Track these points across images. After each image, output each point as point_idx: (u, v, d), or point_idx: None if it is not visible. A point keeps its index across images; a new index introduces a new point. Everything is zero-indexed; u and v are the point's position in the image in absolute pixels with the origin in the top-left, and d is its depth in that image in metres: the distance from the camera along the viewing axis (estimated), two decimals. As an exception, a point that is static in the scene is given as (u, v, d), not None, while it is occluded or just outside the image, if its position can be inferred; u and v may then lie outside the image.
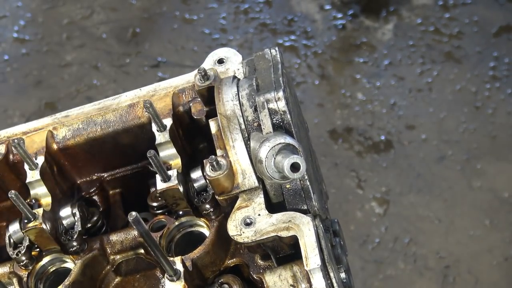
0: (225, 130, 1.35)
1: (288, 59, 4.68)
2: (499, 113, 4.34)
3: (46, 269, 1.47)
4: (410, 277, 3.77)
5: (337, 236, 1.52)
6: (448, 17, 4.85)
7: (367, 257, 3.85)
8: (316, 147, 2.02)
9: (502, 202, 3.97)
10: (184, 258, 1.34)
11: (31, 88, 4.76)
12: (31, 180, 1.47)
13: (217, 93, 1.40)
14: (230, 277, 1.36)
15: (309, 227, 1.25)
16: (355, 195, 4.08)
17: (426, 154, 4.21)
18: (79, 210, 1.48)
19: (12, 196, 1.33)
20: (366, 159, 4.23)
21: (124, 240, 1.48)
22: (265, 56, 1.46)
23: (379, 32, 4.83)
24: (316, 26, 4.92)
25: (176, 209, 1.43)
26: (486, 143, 4.22)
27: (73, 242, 1.43)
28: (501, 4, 4.89)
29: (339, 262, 1.43)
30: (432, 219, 3.96)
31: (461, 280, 3.73)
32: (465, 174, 4.10)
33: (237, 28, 4.97)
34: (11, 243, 1.44)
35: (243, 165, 1.35)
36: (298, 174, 1.24)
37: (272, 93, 1.33)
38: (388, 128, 4.35)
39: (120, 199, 1.67)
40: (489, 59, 4.59)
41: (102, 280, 1.47)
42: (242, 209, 1.34)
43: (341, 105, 4.49)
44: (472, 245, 3.83)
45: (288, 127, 1.34)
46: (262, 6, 5.07)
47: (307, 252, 1.22)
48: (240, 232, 1.30)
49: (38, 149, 1.54)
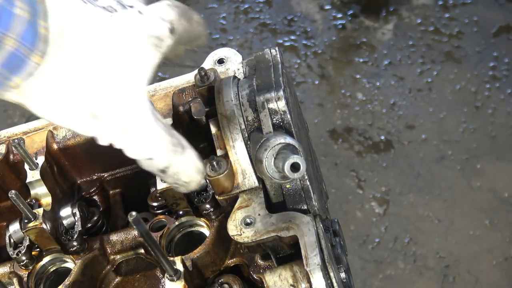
0: (225, 130, 1.35)
1: (288, 59, 4.68)
2: (499, 113, 4.35)
3: (46, 269, 1.47)
4: (410, 277, 3.77)
5: (337, 236, 1.52)
6: (448, 17, 4.85)
7: (367, 257, 3.85)
8: (316, 147, 2.02)
9: (502, 202, 3.98)
10: (184, 258, 1.34)
11: (31, 88, 4.76)
12: (31, 180, 1.48)
13: (217, 93, 1.40)
14: (230, 277, 1.36)
15: (309, 227, 1.25)
16: (355, 195, 4.09)
17: (426, 154, 4.21)
18: (79, 210, 1.48)
19: (12, 196, 1.33)
20: (366, 159, 4.23)
21: (124, 240, 1.48)
22: (265, 56, 1.46)
23: (379, 32, 4.83)
24: (316, 26, 4.92)
25: (176, 209, 1.43)
26: (486, 143, 4.22)
27: (73, 242, 1.43)
28: (501, 4, 4.89)
29: (339, 262, 1.43)
30: (432, 219, 3.96)
31: (461, 280, 3.73)
32: (465, 174, 4.10)
33: (237, 28, 4.97)
34: (11, 243, 1.44)
35: (243, 165, 1.35)
36: (298, 174, 1.25)
37: (272, 93, 1.33)
38: (388, 128, 4.35)
39: (120, 199, 1.67)
40: (489, 59, 4.60)
41: (102, 280, 1.47)
42: (242, 209, 1.34)
43: (341, 105, 4.49)
44: (472, 245, 3.84)
45: (288, 127, 1.34)
46: (262, 6, 5.07)
47: (307, 252, 1.22)
48: (240, 232, 1.30)
49: (38, 149, 1.54)
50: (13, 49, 0.96)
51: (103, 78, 1.07)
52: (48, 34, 1.00)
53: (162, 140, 1.14)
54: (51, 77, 1.03)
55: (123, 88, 1.10)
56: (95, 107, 1.09)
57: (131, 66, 1.10)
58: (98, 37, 1.07)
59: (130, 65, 1.10)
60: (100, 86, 1.08)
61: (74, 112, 1.09)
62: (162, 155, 1.15)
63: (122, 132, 1.12)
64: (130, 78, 1.10)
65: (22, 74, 1.00)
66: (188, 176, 1.20)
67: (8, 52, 0.96)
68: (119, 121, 1.10)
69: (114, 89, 1.09)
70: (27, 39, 0.97)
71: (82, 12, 1.06)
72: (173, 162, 1.17)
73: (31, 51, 0.98)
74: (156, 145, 1.14)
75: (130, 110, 1.10)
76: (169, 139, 1.16)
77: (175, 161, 1.17)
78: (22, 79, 1.00)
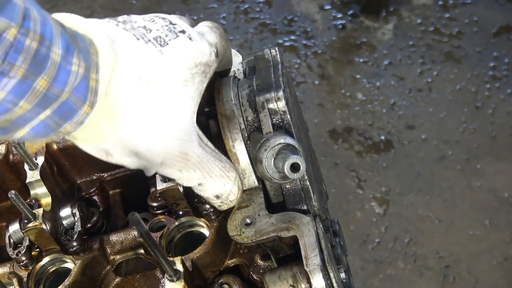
0: (225, 130, 1.35)
1: (288, 59, 4.68)
2: (499, 113, 4.35)
3: (46, 269, 1.46)
4: (410, 277, 3.77)
5: (337, 236, 1.52)
6: (448, 17, 4.85)
7: (367, 257, 3.85)
8: (316, 147, 2.02)
9: (502, 202, 3.98)
10: (184, 258, 1.34)
11: (31, 88, 4.77)
12: (31, 180, 1.47)
13: (217, 93, 1.40)
14: (230, 277, 1.36)
15: (309, 227, 1.25)
16: (355, 195, 4.09)
17: (426, 154, 4.21)
18: (79, 210, 1.48)
19: (12, 196, 1.33)
20: (366, 159, 4.23)
21: (124, 240, 1.48)
22: (265, 56, 1.46)
23: (379, 32, 4.83)
24: (316, 26, 4.92)
25: (176, 209, 1.43)
26: (486, 143, 4.22)
27: (73, 242, 1.43)
28: (501, 4, 4.89)
29: (339, 262, 1.43)
30: (432, 219, 3.96)
31: (461, 280, 3.73)
32: (465, 174, 4.10)
33: (237, 28, 4.97)
34: (11, 243, 1.44)
35: (243, 165, 1.35)
36: (298, 174, 1.24)
37: (272, 93, 1.33)
38: (388, 128, 4.35)
39: (120, 199, 1.67)
40: (489, 59, 4.60)
41: (102, 280, 1.47)
42: (242, 209, 1.34)
43: (341, 105, 4.49)
44: (472, 245, 3.84)
45: (288, 127, 1.34)
46: (262, 6, 5.07)
47: (307, 252, 1.22)
48: (240, 232, 1.30)
49: (38, 149, 1.54)
50: (66, 99, 1.02)
51: (153, 118, 1.12)
52: (98, 86, 1.06)
53: (211, 166, 1.21)
54: (101, 123, 1.10)
55: (173, 124, 1.14)
56: (144, 147, 1.14)
57: (181, 100, 1.15)
58: (148, 79, 1.12)
59: (181, 99, 1.15)
60: (150, 126, 1.12)
61: (120, 151, 1.15)
62: (213, 181, 1.23)
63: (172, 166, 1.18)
64: (180, 112, 1.15)
65: (73, 121, 1.06)
66: (234, 196, 1.29)
67: (61, 102, 1.02)
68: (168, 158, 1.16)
69: (165, 127, 1.14)
70: (80, 91, 1.04)
71: (132, 53, 1.11)
72: (226, 188, 1.25)
73: (83, 102, 1.05)
74: (204, 171, 1.21)
75: (179, 145, 1.16)
76: (219, 165, 1.23)
77: (228, 186, 1.25)
78: (72, 127, 1.07)
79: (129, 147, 1.13)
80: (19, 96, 0.97)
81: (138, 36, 1.14)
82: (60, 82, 1.00)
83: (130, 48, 1.12)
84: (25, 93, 0.98)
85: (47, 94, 1.00)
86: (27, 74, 0.96)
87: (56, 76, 0.99)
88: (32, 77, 0.97)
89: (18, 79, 0.96)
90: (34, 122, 1.02)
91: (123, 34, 1.13)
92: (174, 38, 1.16)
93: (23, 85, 0.97)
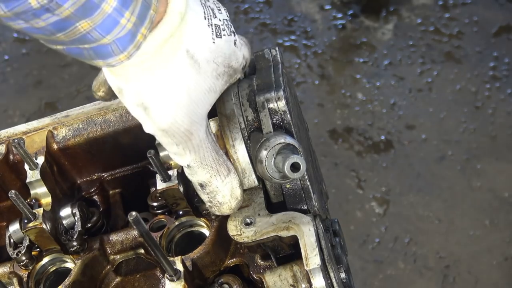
0: (225, 130, 1.35)
1: (288, 59, 4.68)
2: (499, 113, 4.35)
3: (46, 269, 1.47)
4: (410, 277, 3.77)
5: (337, 236, 1.52)
6: (448, 17, 4.85)
7: (367, 257, 3.85)
8: (316, 147, 2.02)
9: (502, 202, 3.97)
10: (184, 258, 1.34)
11: (31, 88, 4.77)
12: (31, 180, 1.48)
13: (217, 93, 1.40)
14: (230, 277, 1.36)
15: (309, 227, 1.25)
16: (355, 195, 4.09)
17: (426, 154, 4.21)
18: (79, 210, 1.48)
19: (12, 196, 1.34)
20: (366, 159, 4.23)
21: (124, 240, 1.48)
22: (265, 56, 1.46)
23: (379, 32, 4.83)
24: (316, 26, 4.92)
25: (176, 209, 1.43)
26: (486, 143, 4.22)
27: (73, 242, 1.43)
28: (501, 4, 4.89)
29: (339, 262, 1.43)
30: (432, 219, 3.96)
31: (461, 280, 3.73)
32: (465, 174, 4.10)
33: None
34: (11, 243, 1.44)
35: (243, 165, 1.35)
36: (298, 174, 1.24)
37: (272, 93, 1.33)
38: (388, 128, 4.35)
39: (120, 199, 1.67)
40: (489, 59, 4.60)
41: (102, 280, 1.47)
42: (242, 209, 1.34)
43: (341, 105, 4.49)
44: (472, 245, 3.83)
45: (288, 127, 1.34)
46: (262, 6, 5.07)
47: (307, 252, 1.22)
48: (240, 232, 1.30)
49: (38, 149, 1.54)
50: (105, 44, 1.08)
51: (178, 90, 1.18)
52: (144, 42, 1.11)
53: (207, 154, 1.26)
54: (131, 69, 1.15)
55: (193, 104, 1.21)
56: (156, 108, 1.18)
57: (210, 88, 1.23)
58: (194, 57, 1.19)
59: (209, 87, 1.23)
60: (173, 94, 1.18)
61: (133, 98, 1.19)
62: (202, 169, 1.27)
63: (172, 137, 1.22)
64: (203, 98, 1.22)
65: (106, 61, 1.12)
66: (223, 198, 1.31)
67: (99, 44, 1.08)
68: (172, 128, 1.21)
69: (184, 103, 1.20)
70: (122, 43, 1.09)
71: (196, 27, 1.19)
72: (212, 181, 1.28)
73: (121, 52, 1.10)
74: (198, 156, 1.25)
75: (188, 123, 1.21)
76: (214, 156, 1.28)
77: (215, 180, 1.28)
78: (104, 64, 1.13)
79: (143, 100, 1.17)
80: (58, 30, 1.04)
81: (206, 16, 1.22)
82: (104, 30, 1.05)
83: (197, 22, 1.19)
84: (64, 29, 1.04)
85: (87, 35, 1.05)
86: (71, 16, 1.01)
87: (101, 23, 1.04)
88: (76, 19, 1.02)
89: (61, 17, 1.01)
90: (71, 48, 1.09)
91: (199, 7, 1.21)
92: (227, 35, 1.26)
93: (64, 23, 1.02)
